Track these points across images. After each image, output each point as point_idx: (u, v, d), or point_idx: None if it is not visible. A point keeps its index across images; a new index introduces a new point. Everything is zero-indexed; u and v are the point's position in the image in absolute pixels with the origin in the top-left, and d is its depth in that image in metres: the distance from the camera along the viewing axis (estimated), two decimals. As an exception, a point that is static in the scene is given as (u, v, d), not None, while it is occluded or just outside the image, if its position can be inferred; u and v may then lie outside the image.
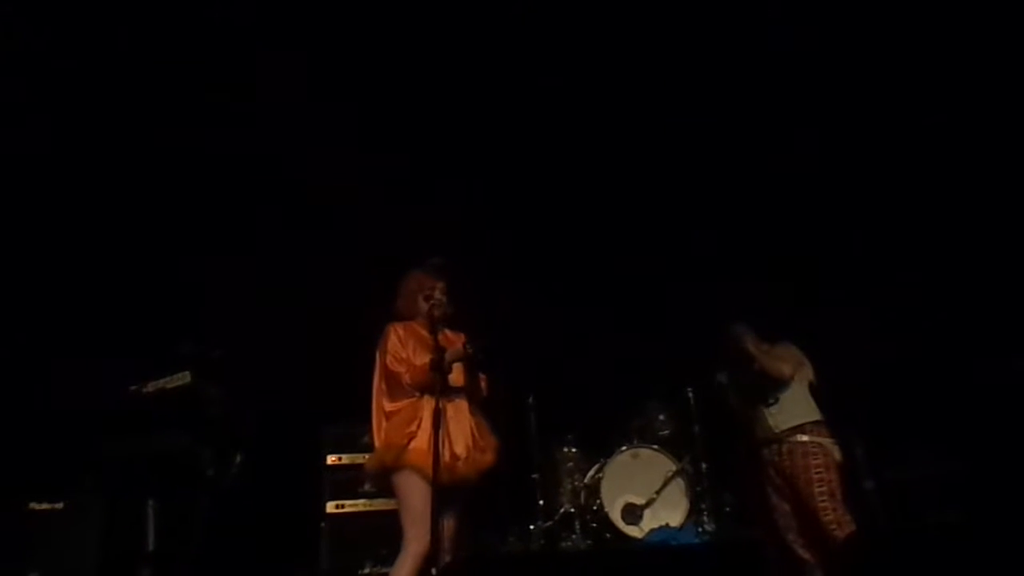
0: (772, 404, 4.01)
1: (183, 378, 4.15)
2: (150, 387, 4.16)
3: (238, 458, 4.25)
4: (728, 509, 4.88)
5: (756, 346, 4.08)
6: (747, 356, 4.06)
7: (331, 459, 4.63)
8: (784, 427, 3.96)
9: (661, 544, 4.47)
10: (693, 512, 4.73)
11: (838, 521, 3.75)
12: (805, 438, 3.93)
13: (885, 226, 5.41)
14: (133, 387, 4.16)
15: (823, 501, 3.79)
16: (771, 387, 4.02)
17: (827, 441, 3.95)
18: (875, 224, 5.45)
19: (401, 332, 3.48)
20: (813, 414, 4.00)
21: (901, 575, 3.29)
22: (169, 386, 4.15)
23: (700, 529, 4.66)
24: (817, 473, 3.85)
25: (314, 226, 5.23)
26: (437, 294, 3.53)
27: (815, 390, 4.08)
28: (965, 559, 3.17)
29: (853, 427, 4.60)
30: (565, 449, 5.07)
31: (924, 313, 5.17)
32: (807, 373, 4.08)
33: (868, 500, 4.57)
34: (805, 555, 3.84)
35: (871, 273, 5.36)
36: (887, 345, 5.10)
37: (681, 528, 4.62)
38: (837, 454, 3.96)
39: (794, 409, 3.98)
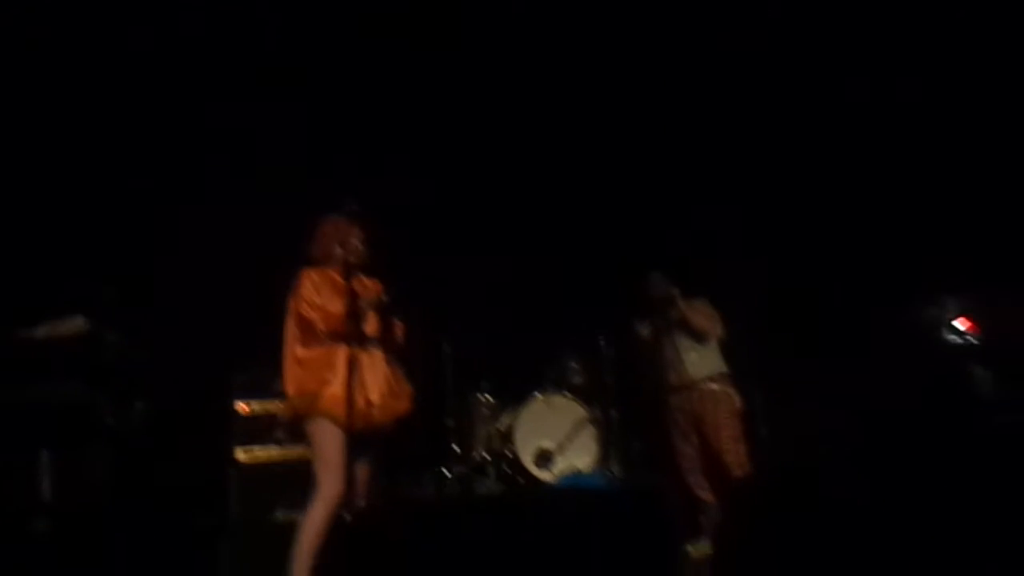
0: (689, 353, 4.28)
1: (76, 322, 3.94)
2: (40, 332, 3.94)
3: (139, 406, 4.09)
4: (635, 455, 5.07)
5: (681, 298, 4.29)
6: (671, 305, 4.27)
7: (240, 405, 4.51)
8: (699, 376, 4.24)
9: (571, 488, 4.60)
10: (602, 458, 4.89)
11: (739, 463, 4.08)
12: (715, 386, 4.24)
13: (780, 169, 5.56)
14: (23, 332, 3.93)
15: (728, 444, 4.12)
16: (690, 339, 4.28)
17: (732, 390, 4.28)
18: (769, 167, 5.60)
19: (316, 278, 3.39)
20: (722, 367, 4.31)
21: (787, 512, 3.51)
22: (62, 331, 3.93)
23: (608, 473, 4.82)
24: (725, 419, 4.17)
25: (226, 167, 4.99)
26: (352, 240, 3.45)
27: (723, 346, 4.36)
28: (844, 501, 3.40)
29: (754, 378, 4.85)
30: (479, 396, 5.12)
31: (822, 264, 5.41)
32: (719, 330, 4.36)
33: (761, 446, 4.84)
34: (705, 496, 4.15)
35: (772, 221, 5.52)
36: (786, 298, 5.32)
37: (590, 473, 4.77)
38: (739, 402, 4.29)
39: (709, 360, 4.28)
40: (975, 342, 4.85)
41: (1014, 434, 3.38)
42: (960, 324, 4.87)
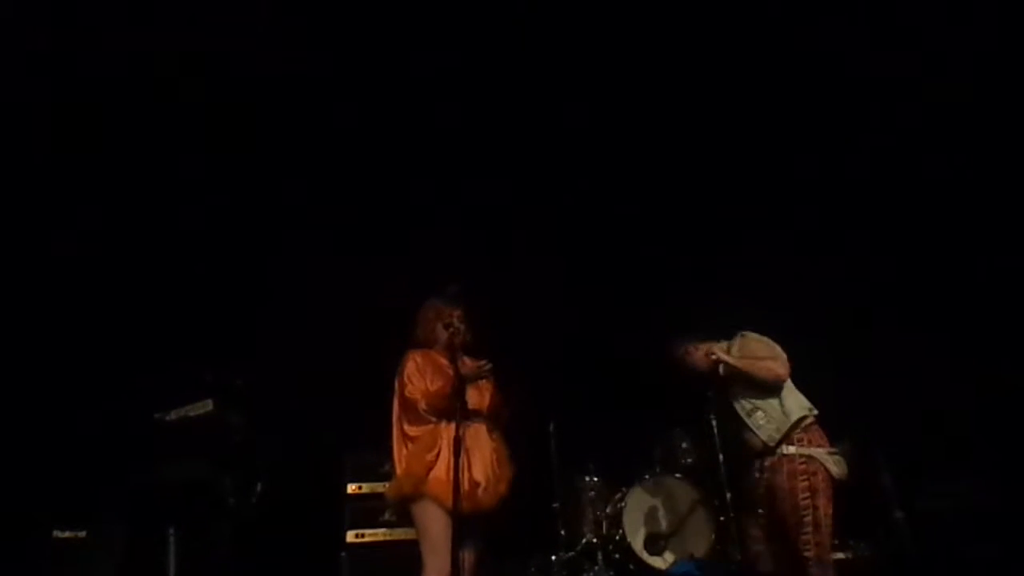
0: (755, 415, 3.45)
1: (205, 406, 4.20)
2: (173, 415, 4.21)
3: (259, 486, 4.26)
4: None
5: (724, 352, 3.62)
6: (694, 372, 3.70)
7: (352, 487, 4.61)
8: (775, 439, 3.39)
9: (686, 575, 4.39)
10: (718, 542, 4.64)
11: (818, 557, 3.25)
12: (792, 450, 3.34)
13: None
14: (157, 415, 4.22)
15: (805, 533, 3.27)
16: (749, 396, 3.50)
17: (819, 452, 3.35)
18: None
19: (419, 359, 3.49)
20: (801, 409, 3.42)
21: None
22: (192, 414, 4.20)
23: (724, 559, 4.56)
24: (804, 499, 3.28)
25: (333, 254, 5.26)
26: (455, 321, 3.54)
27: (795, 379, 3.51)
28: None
29: (881, 452, 4.48)
30: (587, 478, 4.99)
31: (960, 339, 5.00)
32: (782, 369, 3.47)
33: (898, 531, 4.44)
34: None
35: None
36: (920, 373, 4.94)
37: (705, 558, 4.54)
38: (833, 467, 3.35)
39: (779, 411, 3.42)
40: None
41: None
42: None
